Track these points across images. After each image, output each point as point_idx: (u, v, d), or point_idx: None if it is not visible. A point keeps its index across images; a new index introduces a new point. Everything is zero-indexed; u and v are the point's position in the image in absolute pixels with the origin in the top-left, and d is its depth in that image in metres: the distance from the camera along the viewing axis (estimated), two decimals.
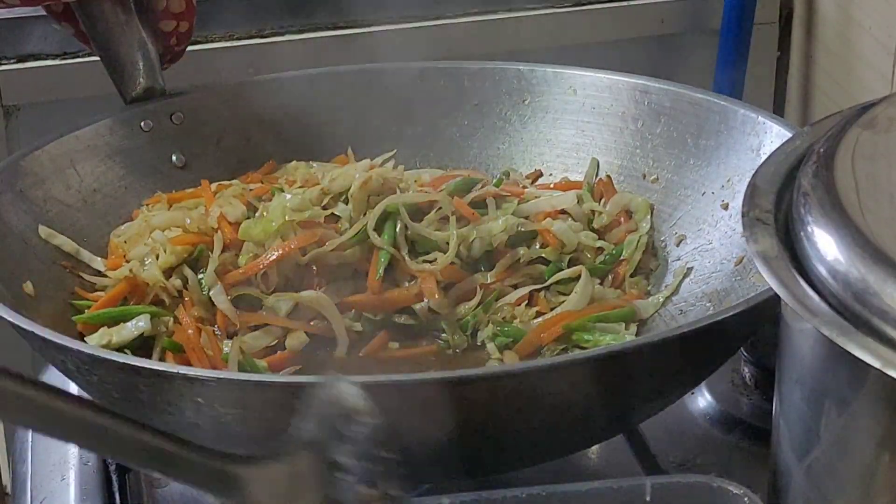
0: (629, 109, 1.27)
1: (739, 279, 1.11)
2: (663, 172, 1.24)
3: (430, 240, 1.15)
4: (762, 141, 1.16)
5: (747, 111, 1.19)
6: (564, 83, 1.30)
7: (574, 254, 1.18)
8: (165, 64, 1.28)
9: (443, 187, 1.20)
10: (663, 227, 1.22)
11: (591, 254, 1.19)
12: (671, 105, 1.24)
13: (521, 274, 1.17)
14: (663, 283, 1.18)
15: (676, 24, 1.77)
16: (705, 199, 1.20)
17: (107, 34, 1.24)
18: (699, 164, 1.21)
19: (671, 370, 0.96)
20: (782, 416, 0.84)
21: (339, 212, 1.17)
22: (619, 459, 1.08)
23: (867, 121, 0.86)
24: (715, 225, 1.17)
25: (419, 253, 1.16)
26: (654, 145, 1.25)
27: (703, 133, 1.22)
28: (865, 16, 1.63)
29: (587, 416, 0.95)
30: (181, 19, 1.27)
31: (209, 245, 1.15)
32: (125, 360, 0.93)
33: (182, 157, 1.28)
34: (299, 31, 1.67)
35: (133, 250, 1.17)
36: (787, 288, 0.76)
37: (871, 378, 0.73)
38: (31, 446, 1.17)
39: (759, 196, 0.84)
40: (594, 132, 1.28)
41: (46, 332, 0.96)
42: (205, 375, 0.91)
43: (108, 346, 1.09)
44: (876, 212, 0.78)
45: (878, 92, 1.54)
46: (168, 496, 1.07)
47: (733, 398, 1.15)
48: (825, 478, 0.79)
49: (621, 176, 1.26)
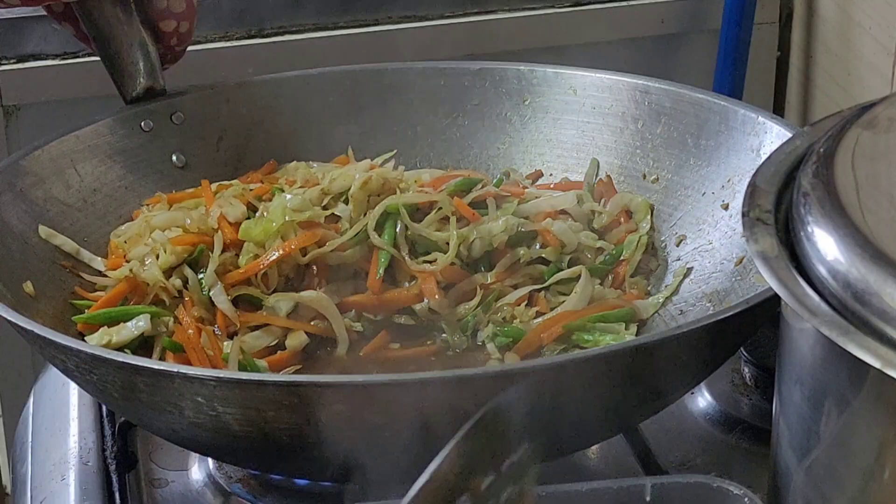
0: (629, 109, 1.27)
1: (740, 279, 1.11)
2: (663, 172, 1.24)
3: (430, 240, 1.15)
4: (762, 141, 1.16)
5: (747, 111, 1.19)
6: (565, 83, 1.30)
7: (574, 254, 1.18)
8: (166, 64, 1.28)
9: (443, 187, 1.20)
10: (663, 228, 1.22)
11: (591, 254, 1.19)
12: (671, 105, 1.24)
13: (521, 274, 1.17)
14: (663, 284, 1.18)
15: (676, 24, 1.77)
16: (705, 199, 1.20)
17: (107, 34, 1.24)
18: (699, 165, 1.21)
19: (671, 370, 0.96)
20: (782, 416, 0.84)
21: (340, 212, 1.17)
22: (620, 459, 1.08)
23: (867, 121, 0.86)
24: (715, 225, 1.17)
25: (419, 253, 1.16)
26: (654, 145, 1.25)
27: (704, 133, 1.22)
28: (865, 16, 1.63)
29: (587, 416, 0.95)
30: (181, 19, 1.27)
31: (209, 245, 1.15)
32: (125, 360, 0.93)
33: (182, 157, 1.28)
34: (299, 31, 1.67)
35: (133, 250, 1.17)
36: (787, 288, 0.76)
37: (871, 378, 0.73)
38: (31, 446, 1.17)
39: (759, 196, 0.84)
40: (594, 132, 1.28)
41: (46, 332, 0.96)
42: (204, 375, 0.91)
43: (108, 345, 1.08)
44: (876, 212, 0.78)
45: (878, 92, 1.55)
46: (168, 496, 1.08)
47: (733, 398, 1.15)
48: (825, 478, 0.79)
49: (621, 176, 1.26)
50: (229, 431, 0.92)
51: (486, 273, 1.16)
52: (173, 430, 0.98)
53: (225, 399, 0.90)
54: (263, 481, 1.07)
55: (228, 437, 0.93)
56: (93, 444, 1.12)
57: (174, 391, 0.91)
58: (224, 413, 0.91)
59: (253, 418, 0.91)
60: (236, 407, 0.90)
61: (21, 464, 1.17)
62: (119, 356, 0.94)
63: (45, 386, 1.23)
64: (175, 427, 0.97)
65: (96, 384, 0.97)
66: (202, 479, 1.09)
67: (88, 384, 1.00)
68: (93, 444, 1.12)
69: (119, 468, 1.10)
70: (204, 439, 0.98)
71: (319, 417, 0.90)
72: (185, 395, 0.91)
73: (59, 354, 0.97)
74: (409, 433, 0.90)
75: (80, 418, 1.16)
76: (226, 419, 0.91)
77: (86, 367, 0.95)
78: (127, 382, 0.94)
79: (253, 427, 0.91)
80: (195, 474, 1.09)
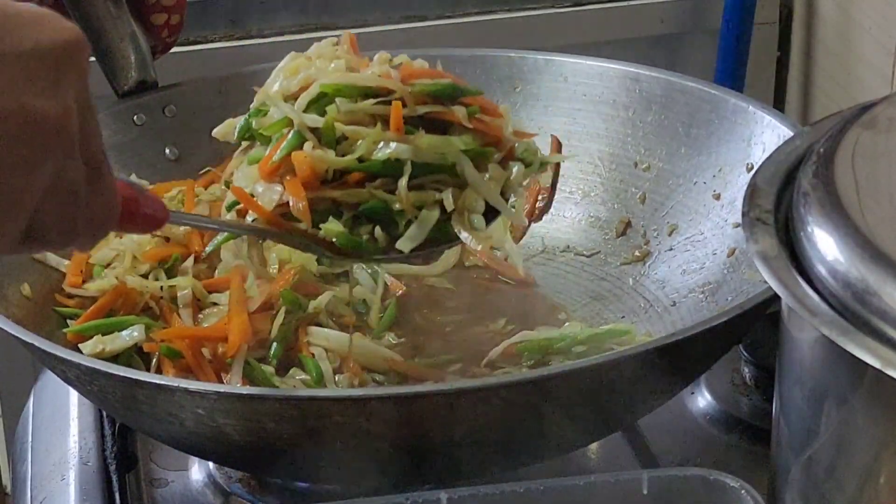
0: (620, 97, 1.26)
1: (732, 271, 1.11)
2: (655, 161, 1.23)
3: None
4: (753, 131, 1.16)
5: (738, 101, 1.19)
6: (555, 70, 1.29)
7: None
8: (157, 55, 1.28)
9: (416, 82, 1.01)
10: (655, 216, 1.22)
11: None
12: (662, 93, 1.24)
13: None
14: (655, 274, 1.17)
15: (676, 24, 1.77)
16: (697, 188, 1.19)
17: (98, 28, 1.23)
18: (690, 153, 1.21)
19: (662, 374, 0.96)
20: (782, 415, 0.84)
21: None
22: (620, 459, 1.08)
23: (867, 121, 0.86)
24: (706, 215, 1.17)
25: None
26: (645, 133, 1.25)
27: (695, 122, 1.22)
28: (865, 16, 1.63)
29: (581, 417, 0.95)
30: (172, 12, 1.26)
31: (183, 255, 1.14)
32: (126, 374, 0.93)
33: (175, 151, 1.28)
34: (299, 31, 1.67)
35: (98, 253, 1.14)
36: (787, 288, 0.75)
37: (870, 378, 0.73)
38: (31, 446, 1.17)
39: (759, 196, 0.84)
40: (585, 120, 1.27)
41: (46, 345, 0.96)
42: (205, 389, 0.90)
43: (102, 354, 1.06)
44: (876, 212, 0.78)
45: (878, 92, 1.54)
46: (168, 496, 1.08)
47: (733, 398, 1.15)
48: (825, 477, 0.79)
49: (612, 164, 1.25)
50: (229, 440, 0.93)
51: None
52: (173, 437, 0.98)
53: (225, 412, 0.90)
54: (263, 481, 1.07)
55: (228, 444, 0.94)
56: (93, 443, 1.12)
57: (175, 404, 0.91)
58: (225, 424, 0.91)
59: (253, 429, 0.91)
60: (237, 419, 0.91)
61: (21, 463, 1.17)
62: (120, 370, 0.94)
63: (45, 386, 1.23)
64: (175, 435, 0.97)
65: (97, 394, 0.97)
66: (202, 479, 1.09)
67: (89, 394, 1.00)
68: (93, 444, 1.12)
69: (119, 468, 1.10)
70: (204, 446, 0.98)
71: (319, 429, 0.90)
72: (185, 408, 0.91)
73: (58, 365, 0.97)
74: (405, 442, 0.91)
75: (80, 418, 1.16)
76: (226, 430, 0.91)
77: (86, 379, 0.95)
78: (128, 394, 0.94)
79: (253, 436, 0.92)
80: (195, 474, 1.09)
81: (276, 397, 0.90)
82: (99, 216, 0.78)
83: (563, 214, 1.26)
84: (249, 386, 1.02)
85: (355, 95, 0.99)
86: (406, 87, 0.99)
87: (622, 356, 0.92)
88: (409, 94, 0.99)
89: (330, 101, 0.99)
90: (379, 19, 1.69)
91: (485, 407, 0.90)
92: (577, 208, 1.26)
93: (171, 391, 0.91)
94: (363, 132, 0.97)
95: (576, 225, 1.26)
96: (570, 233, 1.26)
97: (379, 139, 0.97)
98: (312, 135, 0.98)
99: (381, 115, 0.98)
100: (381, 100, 0.98)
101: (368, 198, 0.97)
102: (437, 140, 0.98)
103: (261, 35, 1.66)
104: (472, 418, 0.90)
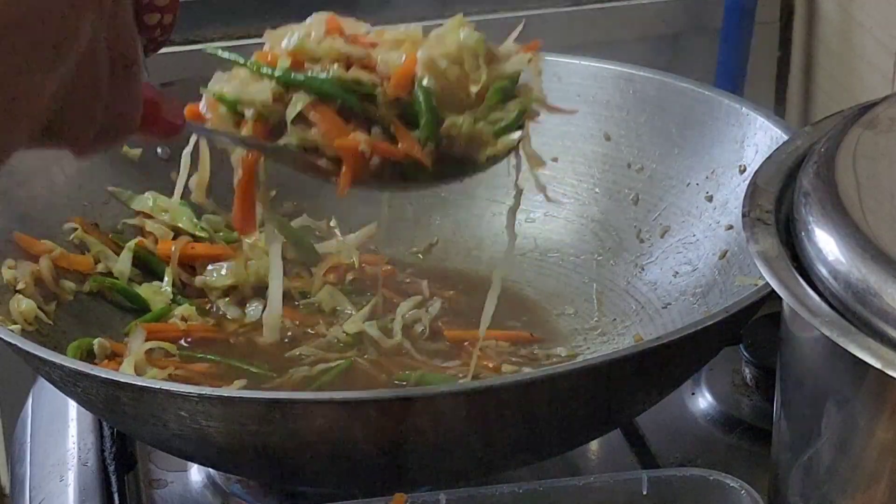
0: (614, 98, 1.26)
1: (723, 273, 1.11)
2: (648, 162, 1.23)
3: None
4: (746, 133, 1.16)
5: (731, 102, 1.19)
6: (549, 70, 1.27)
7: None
8: (148, 54, 1.28)
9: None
10: (648, 218, 1.21)
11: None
12: (656, 94, 1.24)
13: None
14: (647, 275, 1.17)
15: (677, 24, 1.76)
16: (690, 190, 1.19)
17: None
18: (684, 155, 1.21)
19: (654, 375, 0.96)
20: (783, 416, 0.84)
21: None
22: (620, 460, 1.08)
23: (868, 121, 0.86)
24: (699, 217, 1.17)
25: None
26: (638, 134, 1.24)
27: (688, 123, 1.21)
28: (866, 16, 1.63)
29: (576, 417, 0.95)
30: (165, 12, 1.26)
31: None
32: (108, 376, 0.93)
33: (167, 150, 1.27)
34: None
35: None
36: (788, 288, 0.75)
37: (871, 378, 0.72)
38: (29, 447, 1.17)
39: (759, 196, 0.84)
40: (579, 120, 1.26)
41: (28, 345, 0.96)
42: (187, 392, 0.90)
43: None
44: (877, 212, 0.78)
45: (878, 92, 1.54)
46: (167, 497, 1.07)
47: (733, 398, 1.15)
48: (825, 477, 0.79)
49: (606, 164, 1.25)
50: (213, 442, 0.93)
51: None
52: (158, 439, 0.99)
53: (208, 414, 0.90)
54: (263, 482, 1.07)
55: (212, 447, 0.94)
56: (92, 444, 1.12)
57: (157, 406, 0.91)
58: (207, 426, 0.91)
59: (236, 432, 0.91)
60: (219, 421, 0.91)
61: (20, 464, 1.17)
62: (102, 371, 0.94)
63: (44, 387, 1.23)
64: (160, 437, 0.97)
65: (80, 396, 0.98)
66: (201, 479, 1.09)
67: (74, 395, 1.00)
68: (92, 445, 1.12)
69: (118, 469, 1.10)
70: (189, 449, 0.98)
71: (301, 431, 0.90)
72: (168, 410, 0.91)
73: (42, 366, 0.97)
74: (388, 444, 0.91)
75: (78, 419, 1.15)
76: (209, 432, 0.91)
77: (70, 380, 0.95)
78: (111, 396, 0.94)
79: (236, 439, 0.92)
80: (194, 475, 1.09)
81: (257, 400, 0.90)
82: (121, 116, 0.76)
83: (556, 215, 1.26)
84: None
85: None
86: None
87: (609, 359, 0.93)
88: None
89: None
90: (378, 20, 1.69)
91: (476, 408, 0.90)
92: (569, 209, 1.26)
93: (153, 393, 0.91)
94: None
95: (568, 226, 1.26)
96: (563, 234, 1.25)
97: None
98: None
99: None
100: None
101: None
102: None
103: (258, 35, 1.66)
104: (465, 420, 0.90)
